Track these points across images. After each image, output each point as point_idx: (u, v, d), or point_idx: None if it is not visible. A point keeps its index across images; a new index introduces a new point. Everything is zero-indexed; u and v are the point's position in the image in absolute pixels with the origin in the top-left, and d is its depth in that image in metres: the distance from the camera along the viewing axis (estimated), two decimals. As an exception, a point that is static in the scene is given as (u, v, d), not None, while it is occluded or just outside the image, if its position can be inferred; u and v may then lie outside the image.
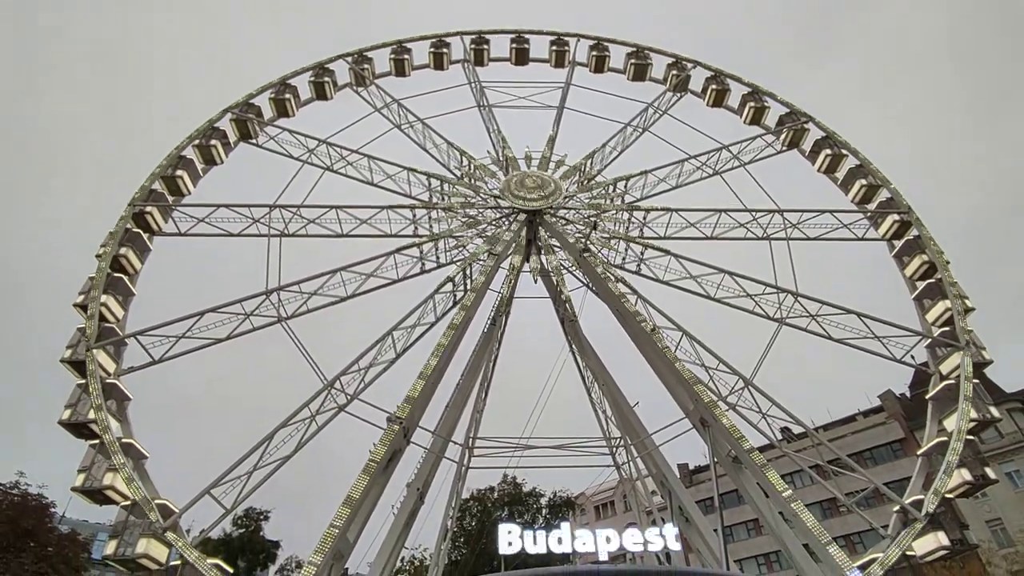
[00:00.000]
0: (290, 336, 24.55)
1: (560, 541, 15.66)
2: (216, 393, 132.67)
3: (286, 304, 25.44)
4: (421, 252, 28.58)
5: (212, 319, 24.21)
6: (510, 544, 15.55)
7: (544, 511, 46.96)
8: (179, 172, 27.42)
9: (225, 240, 27.42)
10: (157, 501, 20.01)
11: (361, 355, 24.63)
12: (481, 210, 30.86)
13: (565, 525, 16.53)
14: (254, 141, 30.56)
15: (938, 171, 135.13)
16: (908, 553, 20.38)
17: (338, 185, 30.71)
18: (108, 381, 21.61)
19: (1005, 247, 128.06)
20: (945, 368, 24.26)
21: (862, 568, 19.64)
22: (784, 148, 32.34)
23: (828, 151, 30.85)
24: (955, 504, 22.09)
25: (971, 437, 22.26)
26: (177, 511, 20.01)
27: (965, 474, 21.37)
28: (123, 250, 24.58)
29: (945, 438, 22.28)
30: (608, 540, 15.84)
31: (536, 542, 15.64)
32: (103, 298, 22.99)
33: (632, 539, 16.21)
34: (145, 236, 25.83)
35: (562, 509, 46.66)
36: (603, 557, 15.26)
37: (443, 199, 30.86)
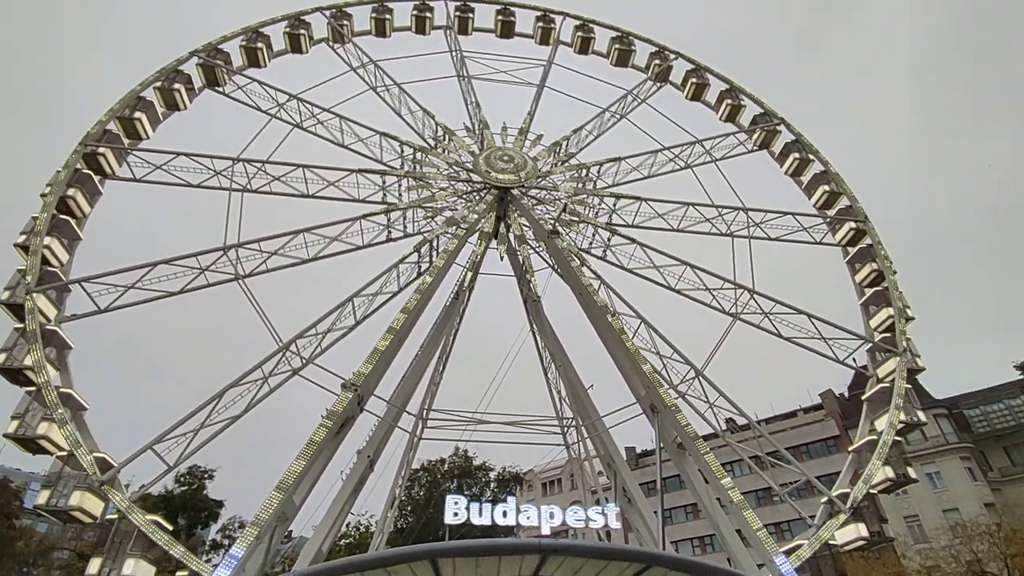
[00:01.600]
0: (247, 295, 23.96)
1: (505, 515, 15.98)
2: (166, 348, 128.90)
3: (244, 262, 24.73)
4: (388, 220, 28.14)
5: (164, 271, 23.36)
6: (456, 515, 15.79)
7: (493, 485, 47.80)
8: (137, 114, 26.00)
9: (183, 191, 26.37)
10: (95, 454, 19.43)
11: (320, 319, 24.27)
12: (453, 182, 30.50)
13: (511, 499, 16.87)
14: (221, 89, 29.18)
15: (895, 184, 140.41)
16: (831, 542, 21.68)
17: (306, 144, 29.82)
18: (48, 327, 20.67)
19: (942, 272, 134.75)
20: (882, 372, 25.59)
21: (787, 553, 20.83)
22: (755, 148, 32.97)
23: (796, 155, 31.64)
24: (877, 499, 23.50)
25: (898, 438, 23.66)
26: (116, 465, 19.50)
27: (889, 472, 22.77)
28: (71, 191, 23.28)
29: (875, 437, 23.61)
30: (552, 516, 16.25)
31: (481, 514, 15.92)
32: (47, 240, 21.83)
33: (574, 516, 16.67)
34: (96, 179, 24.49)
35: (510, 484, 47.59)
36: (545, 532, 15.65)
37: (415, 168, 30.32)
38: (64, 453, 18.92)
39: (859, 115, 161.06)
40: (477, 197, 30.32)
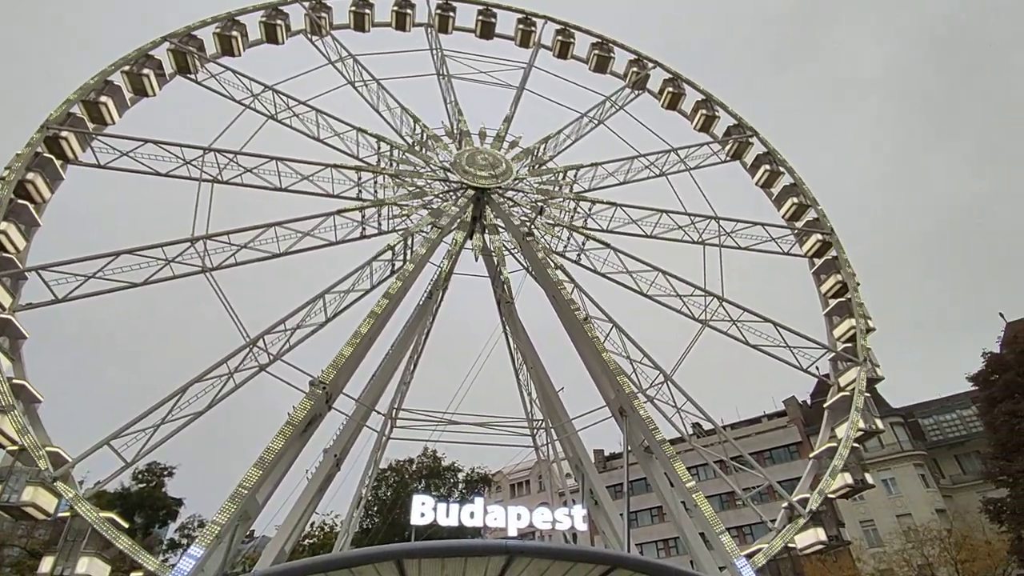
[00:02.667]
0: (214, 288, 23.42)
1: (472, 515, 15.95)
2: (128, 342, 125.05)
3: (212, 254, 24.18)
4: (363, 216, 27.85)
5: (128, 261, 22.68)
6: (423, 515, 15.70)
7: (461, 486, 47.65)
8: (103, 98, 25.15)
9: (150, 180, 25.62)
10: (48, 448, 18.76)
11: (289, 315, 23.88)
12: (429, 181, 30.35)
13: (479, 500, 16.85)
14: (192, 77, 28.44)
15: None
16: (790, 545, 22.26)
17: (280, 137, 29.31)
18: (2, 316, 19.87)
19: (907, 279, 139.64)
20: (843, 380, 26.36)
21: (749, 556, 21.28)
22: (728, 158, 33.67)
23: (767, 167, 32.39)
24: (835, 504, 24.21)
25: (857, 445, 24.41)
26: (70, 460, 18.86)
27: (847, 478, 23.47)
28: (31, 175, 22.38)
29: (835, 444, 24.32)
30: (519, 517, 16.29)
31: (448, 515, 15.86)
32: (3, 225, 20.92)
33: (542, 518, 16.74)
34: (58, 163, 23.59)
35: (479, 485, 47.52)
36: (512, 533, 15.69)
37: (391, 165, 30.09)
38: (15, 447, 18.21)
39: (829, 131, 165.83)
40: (454, 197, 30.24)
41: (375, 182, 28.78)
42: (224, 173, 25.84)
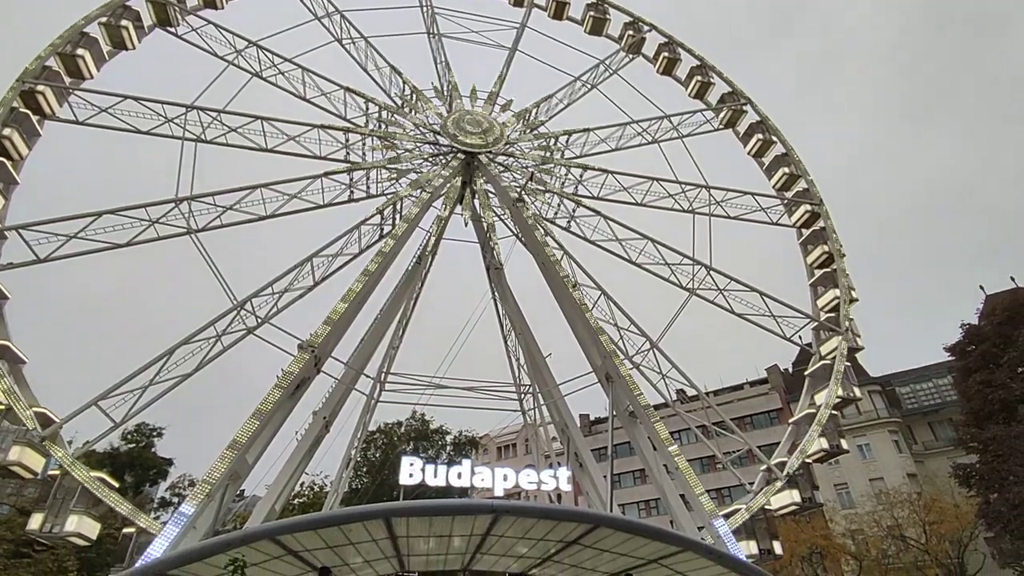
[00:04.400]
0: (200, 250, 23.16)
1: (460, 476, 16.29)
2: (114, 303, 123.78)
3: (198, 216, 23.83)
4: (351, 179, 27.45)
5: (111, 221, 22.29)
6: (411, 476, 16.01)
7: (448, 448, 48.48)
8: (80, 51, 24.20)
9: (130, 138, 24.98)
10: (35, 408, 18.77)
11: (276, 279, 23.74)
12: (418, 144, 29.85)
13: (466, 462, 17.20)
14: (173, 30, 27.40)
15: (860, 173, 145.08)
16: (766, 507, 23.07)
17: (265, 95, 28.53)
18: (-18, 275, 19.54)
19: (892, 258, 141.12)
20: (825, 349, 26.91)
21: (726, 517, 22.06)
22: (721, 127, 33.38)
23: (760, 136, 32.20)
24: (812, 468, 25.03)
25: (835, 412, 25.11)
26: (58, 420, 18.89)
27: (824, 443, 24.22)
28: (7, 131, 21.67)
29: (814, 411, 25.00)
30: (505, 478, 16.67)
31: (436, 475, 16.19)
32: (-21, 182, 20.43)
33: (527, 479, 17.15)
34: (35, 119, 22.83)
35: (466, 448, 48.37)
36: (499, 493, 16.09)
37: (380, 127, 29.50)
38: (1, 407, 18.18)
39: (819, 104, 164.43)
40: (443, 160, 29.83)
41: (363, 144, 28.27)
42: (208, 132, 25.21)
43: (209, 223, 23.99)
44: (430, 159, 29.89)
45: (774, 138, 32.21)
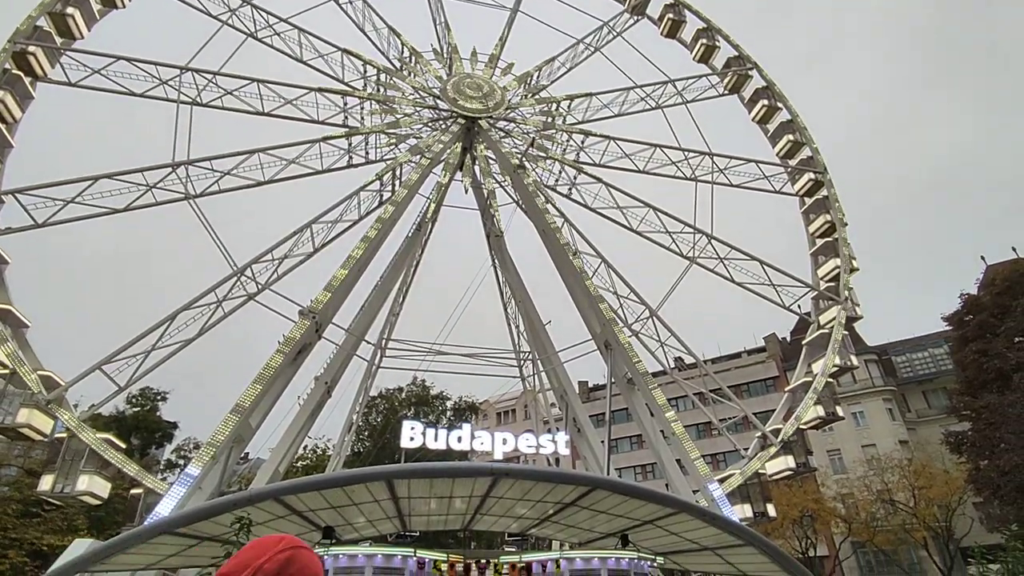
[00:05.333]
0: (198, 216, 23.04)
1: (460, 440, 16.60)
2: (115, 269, 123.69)
3: (195, 181, 23.61)
4: (350, 144, 27.09)
5: (108, 186, 22.13)
6: (412, 439, 16.30)
7: (449, 414, 49.10)
8: (70, 9, 23.59)
9: (126, 101, 24.55)
10: (40, 372, 18.99)
11: (276, 245, 23.71)
12: (418, 109, 29.35)
13: (466, 426, 17.49)
14: (165, -12, 26.67)
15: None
16: (760, 472, 23.57)
17: (261, 57, 27.89)
18: (-19, 240, 19.50)
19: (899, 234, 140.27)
20: (823, 319, 27.05)
21: (721, 481, 22.56)
22: (726, 91, 32.75)
23: (765, 101, 31.63)
24: (806, 434, 25.47)
25: (831, 380, 25.40)
26: (63, 384, 19.13)
27: (819, 410, 24.59)
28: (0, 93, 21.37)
29: (810, 379, 25.28)
30: (504, 442, 16.98)
31: (437, 439, 16.49)
32: (-27, 145, 20.19)
33: (526, 442, 17.46)
34: (27, 80, 22.45)
35: (466, 413, 48.95)
36: (498, 456, 16.41)
37: (379, 90, 28.95)
38: (6, 371, 18.38)
39: (825, 71, 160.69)
40: (443, 125, 29.38)
41: (362, 108, 27.80)
42: (203, 95, 24.77)
43: (207, 188, 23.79)
44: (429, 124, 29.43)
45: (779, 104, 31.67)
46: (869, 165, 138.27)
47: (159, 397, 42.77)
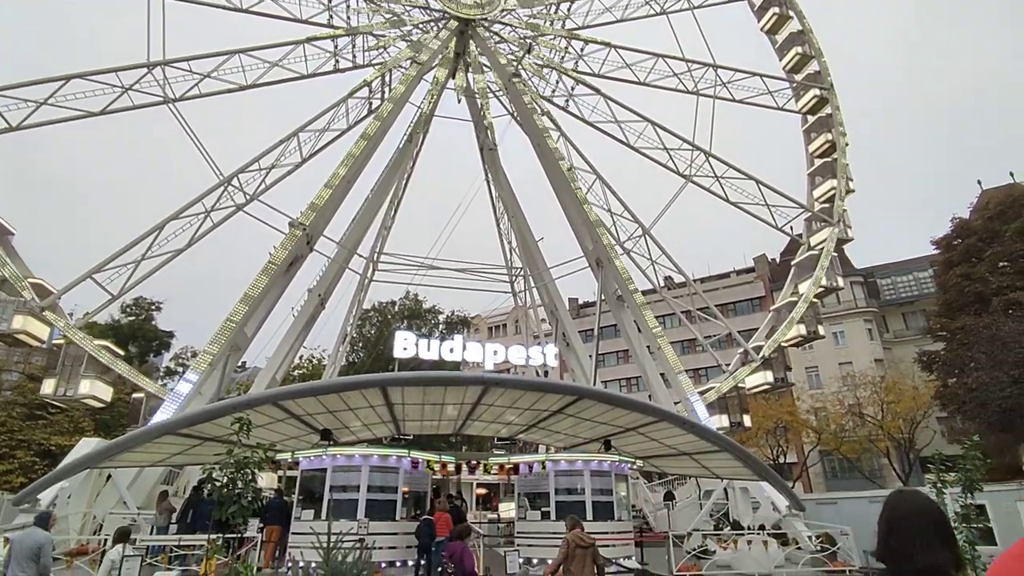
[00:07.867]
0: (180, 122, 22.12)
1: (451, 351, 17.02)
2: (98, 176, 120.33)
3: (174, 84, 22.47)
4: (336, 46, 25.64)
5: (81, 87, 21.03)
6: (405, 349, 16.69)
7: (441, 327, 50.04)
8: None
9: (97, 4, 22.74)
10: (31, 280, 18.96)
11: (262, 154, 23.03)
12: (408, 9, 27.54)
13: (458, 337, 17.89)
14: None
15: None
16: (740, 386, 24.61)
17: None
18: (-47, 142, 18.74)
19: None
20: (814, 240, 27.19)
21: (702, 394, 23.58)
22: (735, -6, 30.84)
23: (776, 9, 29.92)
24: (786, 351, 26.36)
25: (815, 300, 25.94)
26: (55, 291, 19.17)
27: (801, 329, 25.32)
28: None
29: (795, 299, 25.81)
30: (495, 353, 17.45)
31: (430, 350, 16.90)
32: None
33: (516, 354, 17.96)
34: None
35: (458, 326, 49.88)
36: (488, 367, 16.92)
37: (365, -13, 26.98)
38: (-4, 278, 18.34)
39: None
40: (435, 28, 27.72)
41: (347, 6, 26.05)
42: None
43: (186, 92, 22.70)
44: (421, 27, 27.74)
45: (791, 12, 30.00)
46: (883, 89, 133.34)
47: (153, 307, 43.10)
